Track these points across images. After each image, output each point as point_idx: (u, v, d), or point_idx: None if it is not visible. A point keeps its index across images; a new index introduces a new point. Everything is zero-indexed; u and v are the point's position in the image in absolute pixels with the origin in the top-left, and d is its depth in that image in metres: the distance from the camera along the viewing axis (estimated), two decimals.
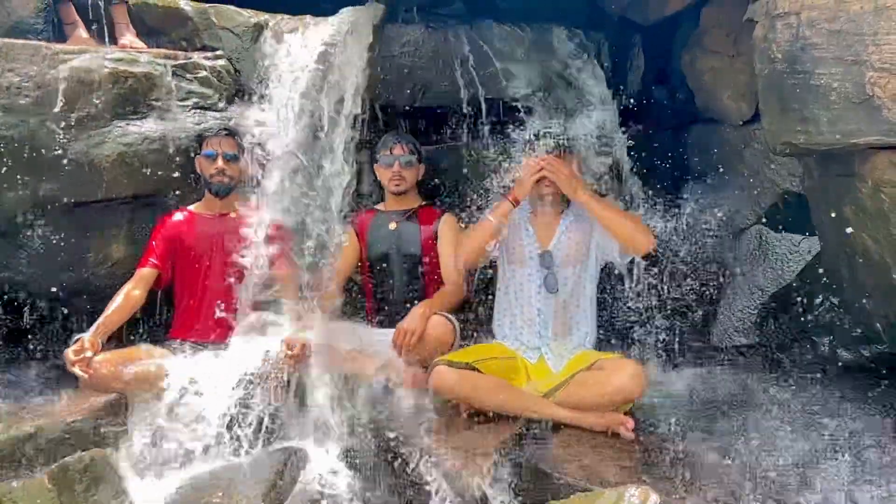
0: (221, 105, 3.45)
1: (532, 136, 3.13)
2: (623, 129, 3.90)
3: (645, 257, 3.07)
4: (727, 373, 3.38)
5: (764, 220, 3.75)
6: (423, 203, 3.55)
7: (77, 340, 2.80)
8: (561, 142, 3.03)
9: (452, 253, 3.34)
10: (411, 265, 3.39)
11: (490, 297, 3.34)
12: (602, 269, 3.26)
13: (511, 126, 3.76)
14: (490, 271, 3.42)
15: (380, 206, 3.57)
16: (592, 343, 3.11)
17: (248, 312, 2.99)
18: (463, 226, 3.42)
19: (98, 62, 3.19)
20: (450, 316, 3.20)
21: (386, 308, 3.40)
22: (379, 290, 3.44)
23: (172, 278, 3.18)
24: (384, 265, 3.41)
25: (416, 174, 3.50)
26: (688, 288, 3.82)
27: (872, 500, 2.22)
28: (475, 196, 3.76)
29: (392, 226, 3.43)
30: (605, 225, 2.93)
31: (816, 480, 2.33)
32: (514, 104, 3.81)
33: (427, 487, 2.46)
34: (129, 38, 3.58)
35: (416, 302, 3.20)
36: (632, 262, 3.20)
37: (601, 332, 3.24)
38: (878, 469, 2.38)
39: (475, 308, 3.54)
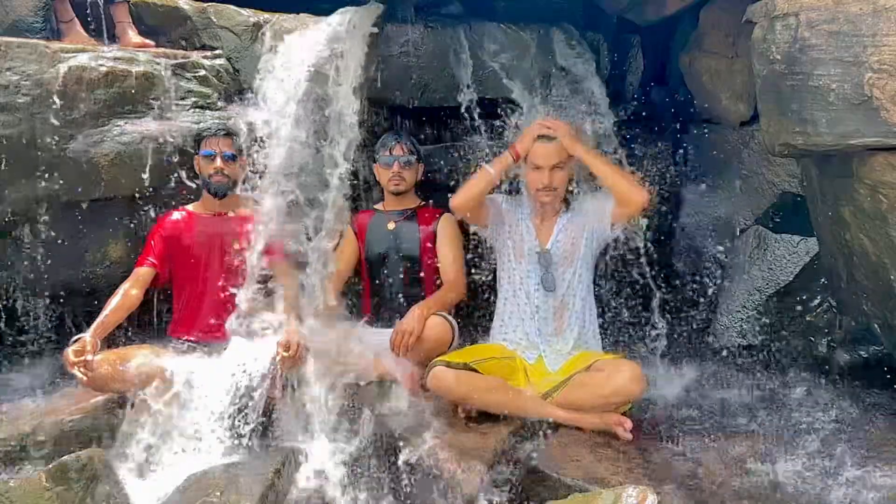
0: (220, 104, 3.44)
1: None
2: (621, 129, 3.90)
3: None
4: (726, 373, 3.38)
5: (762, 220, 3.76)
6: (422, 203, 3.55)
7: (77, 340, 2.78)
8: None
9: (451, 252, 3.34)
10: (410, 265, 3.38)
11: (489, 298, 3.34)
12: (600, 269, 3.28)
13: (509, 125, 3.77)
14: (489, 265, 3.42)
15: (378, 206, 3.57)
16: (596, 342, 3.12)
17: (245, 312, 2.98)
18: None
19: (97, 61, 3.19)
20: (448, 316, 3.20)
21: (384, 308, 3.40)
22: (377, 290, 3.44)
23: (170, 277, 3.17)
24: (383, 265, 3.40)
25: (415, 174, 3.49)
26: (687, 288, 3.83)
27: (872, 498, 2.22)
28: None
29: (391, 226, 3.43)
30: (602, 177, 2.96)
31: (814, 480, 2.33)
32: (512, 103, 3.81)
33: (424, 487, 2.46)
34: (136, 36, 3.57)
35: (414, 302, 3.19)
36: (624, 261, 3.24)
37: (600, 331, 3.24)
38: (875, 468, 2.38)
39: (474, 308, 3.54)
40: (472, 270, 3.36)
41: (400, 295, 3.37)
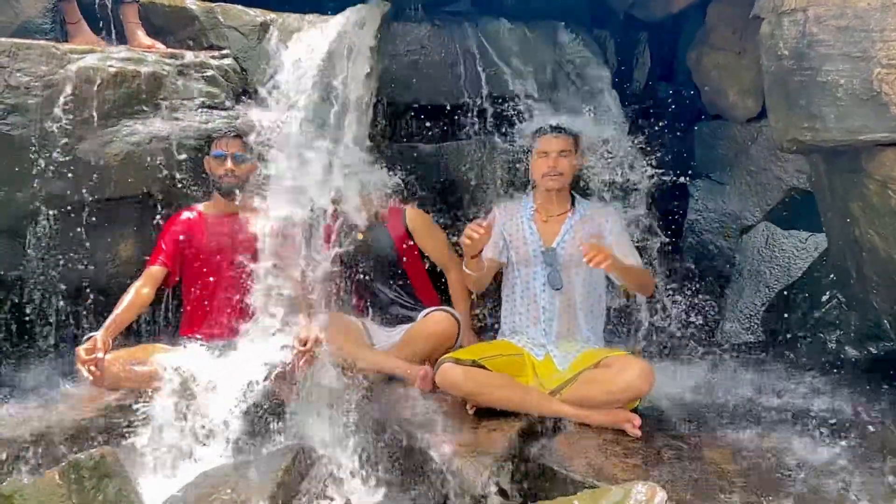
0: (228, 104, 3.45)
1: (537, 130, 3.15)
2: (629, 126, 3.90)
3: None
4: (734, 370, 3.37)
5: (771, 216, 3.75)
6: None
7: (89, 339, 2.80)
8: (563, 129, 3.08)
9: (436, 244, 3.40)
10: (390, 267, 3.38)
11: (498, 296, 3.35)
12: None
13: (516, 123, 3.77)
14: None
15: None
16: (601, 340, 3.11)
17: (257, 310, 2.99)
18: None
19: (106, 62, 3.20)
20: (454, 311, 3.23)
21: (377, 309, 3.40)
22: (366, 293, 3.43)
23: (181, 277, 3.19)
24: (364, 273, 3.40)
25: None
26: (695, 284, 3.82)
27: (877, 494, 2.22)
28: (480, 192, 3.78)
29: (360, 236, 3.41)
30: (622, 280, 3.00)
31: (823, 478, 2.33)
32: (519, 101, 3.82)
33: (434, 484, 2.47)
34: (145, 38, 3.57)
35: (405, 300, 3.32)
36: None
37: (609, 327, 3.24)
38: (883, 465, 2.38)
39: (483, 307, 3.55)
40: None
41: (389, 293, 3.38)
